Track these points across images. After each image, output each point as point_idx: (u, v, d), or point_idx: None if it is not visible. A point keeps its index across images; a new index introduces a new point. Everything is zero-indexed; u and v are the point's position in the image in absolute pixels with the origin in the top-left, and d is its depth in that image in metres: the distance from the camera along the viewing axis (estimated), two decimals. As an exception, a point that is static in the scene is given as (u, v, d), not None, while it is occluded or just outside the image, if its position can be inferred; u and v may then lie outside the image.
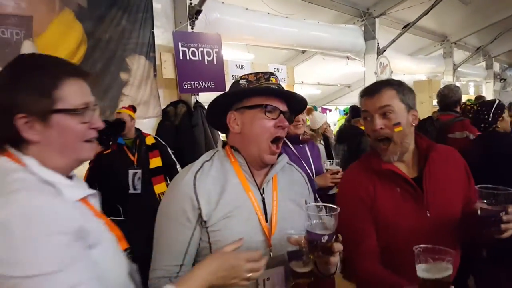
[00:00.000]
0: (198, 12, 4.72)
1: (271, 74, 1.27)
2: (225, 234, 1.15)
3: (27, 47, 3.81)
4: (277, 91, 1.23)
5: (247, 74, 1.30)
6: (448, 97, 3.80)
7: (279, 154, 1.29)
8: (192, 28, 4.74)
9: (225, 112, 1.26)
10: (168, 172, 3.56)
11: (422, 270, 1.06)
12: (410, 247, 1.10)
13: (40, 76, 0.89)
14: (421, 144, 1.44)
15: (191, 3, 4.71)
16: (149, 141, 3.57)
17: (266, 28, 5.91)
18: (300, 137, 2.52)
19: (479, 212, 1.23)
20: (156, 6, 4.57)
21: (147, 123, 4.29)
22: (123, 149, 3.46)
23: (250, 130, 1.21)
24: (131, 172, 3.38)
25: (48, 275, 0.76)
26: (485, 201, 1.21)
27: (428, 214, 1.36)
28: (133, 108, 3.66)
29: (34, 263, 0.76)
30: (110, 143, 3.36)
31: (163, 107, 4.53)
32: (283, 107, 1.23)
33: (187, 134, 4.38)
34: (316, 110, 10.23)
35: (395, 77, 8.57)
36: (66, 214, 0.84)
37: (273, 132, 1.20)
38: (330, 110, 11.92)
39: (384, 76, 8.11)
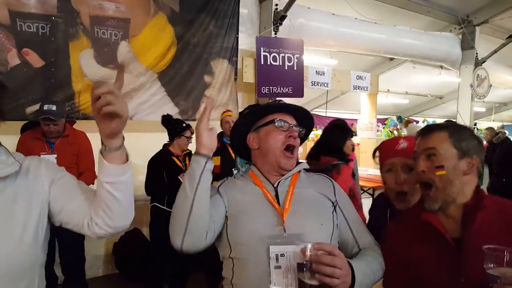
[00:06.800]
0: (283, 17, 4.76)
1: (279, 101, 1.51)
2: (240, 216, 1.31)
3: (123, 48, 4.15)
4: (283, 105, 1.46)
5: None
6: None
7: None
8: (275, 34, 4.79)
9: (244, 138, 1.46)
10: None
11: None
12: None
13: None
14: (472, 199, 1.24)
15: (276, 9, 4.76)
16: None
17: (352, 34, 5.75)
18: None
19: None
20: (243, 11, 4.70)
21: (224, 125, 4.42)
22: (227, 148, 3.63)
23: (265, 143, 1.39)
24: (235, 171, 3.54)
25: None
26: None
27: (462, 280, 1.16)
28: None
29: None
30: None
31: (240, 110, 4.64)
32: (291, 120, 1.41)
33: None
34: (402, 121, 9.71)
35: (494, 90, 7.79)
36: None
37: (285, 141, 1.37)
38: (417, 122, 11.21)
39: (481, 90, 7.41)
